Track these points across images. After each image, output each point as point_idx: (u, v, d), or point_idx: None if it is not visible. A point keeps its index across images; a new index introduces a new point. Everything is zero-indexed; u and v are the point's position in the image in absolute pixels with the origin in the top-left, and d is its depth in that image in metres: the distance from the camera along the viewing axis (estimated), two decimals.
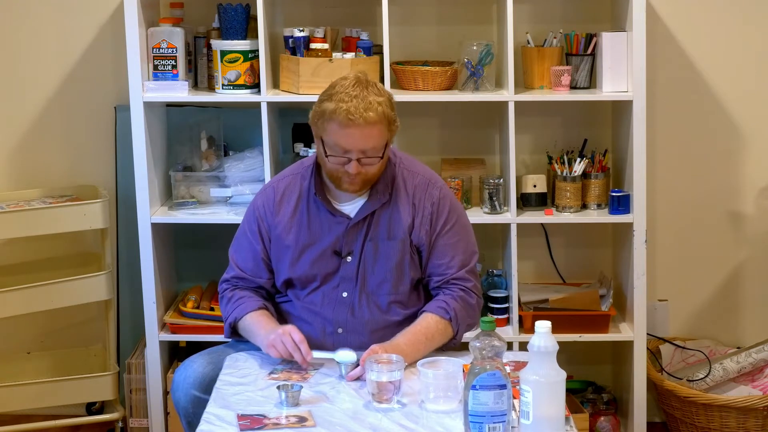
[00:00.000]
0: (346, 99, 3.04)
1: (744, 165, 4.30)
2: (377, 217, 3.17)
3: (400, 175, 3.21)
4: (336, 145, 3.06)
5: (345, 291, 3.18)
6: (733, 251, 4.36)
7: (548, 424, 2.57)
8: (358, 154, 3.05)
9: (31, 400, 4.17)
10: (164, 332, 4.10)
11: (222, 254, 4.23)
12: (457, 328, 3.16)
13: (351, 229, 3.17)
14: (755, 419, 3.96)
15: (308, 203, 3.21)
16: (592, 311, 4.04)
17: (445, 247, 3.19)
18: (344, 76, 3.11)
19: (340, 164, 3.08)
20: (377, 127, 3.05)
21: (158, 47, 3.98)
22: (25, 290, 4.06)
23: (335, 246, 3.18)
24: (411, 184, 3.21)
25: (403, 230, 3.17)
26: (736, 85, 4.26)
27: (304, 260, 3.19)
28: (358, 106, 3.02)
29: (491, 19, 4.21)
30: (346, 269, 3.18)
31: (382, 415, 2.75)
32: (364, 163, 3.07)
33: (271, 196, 3.25)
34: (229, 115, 4.23)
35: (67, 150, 4.39)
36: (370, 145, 3.06)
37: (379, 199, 3.17)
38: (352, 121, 3.02)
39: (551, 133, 4.27)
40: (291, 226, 3.20)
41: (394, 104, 3.12)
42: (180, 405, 3.14)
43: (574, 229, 4.35)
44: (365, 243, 3.17)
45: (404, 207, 3.19)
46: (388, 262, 3.16)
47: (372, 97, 3.05)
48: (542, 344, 2.58)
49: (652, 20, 4.10)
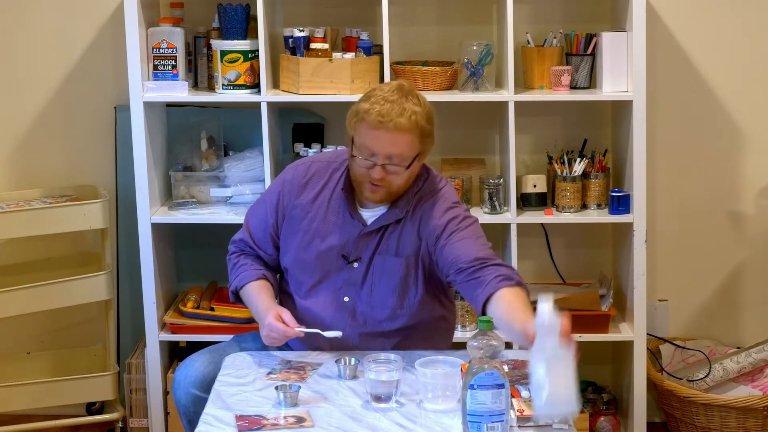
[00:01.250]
0: (382, 102, 3.01)
1: (744, 165, 4.30)
2: (389, 232, 3.15)
3: (419, 192, 3.16)
4: (364, 146, 3.03)
5: (347, 296, 3.18)
6: (733, 251, 4.36)
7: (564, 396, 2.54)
8: (383, 159, 3.02)
9: (31, 400, 4.17)
10: (164, 332, 4.11)
11: (222, 254, 4.24)
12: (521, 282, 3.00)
13: (363, 236, 3.15)
14: (755, 419, 3.96)
15: (331, 195, 3.19)
16: (592, 311, 4.04)
17: (463, 241, 3.07)
18: (388, 82, 3.07)
19: (366, 168, 3.04)
20: (407, 136, 3.01)
21: (158, 47, 3.99)
22: (26, 290, 4.06)
23: (344, 249, 3.16)
24: (425, 207, 3.14)
25: (410, 249, 3.14)
26: (736, 85, 4.25)
27: (312, 250, 3.19)
28: (391, 110, 2.99)
29: (491, 19, 4.21)
30: (351, 275, 3.17)
31: (380, 414, 2.75)
32: (389, 171, 3.04)
33: (300, 173, 3.23)
34: (229, 115, 4.23)
35: (67, 150, 4.39)
36: (397, 152, 3.01)
37: (396, 214, 3.14)
38: (383, 123, 2.98)
39: (551, 133, 4.27)
40: (308, 212, 3.20)
41: (432, 119, 3.07)
42: (180, 404, 3.15)
43: (574, 229, 4.35)
44: (375, 254, 3.15)
45: (413, 227, 3.14)
46: (393, 277, 3.14)
47: (409, 105, 3.01)
48: (549, 320, 2.55)
49: (652, 20, 4.10)
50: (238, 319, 4.05)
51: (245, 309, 4.04)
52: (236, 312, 4.06)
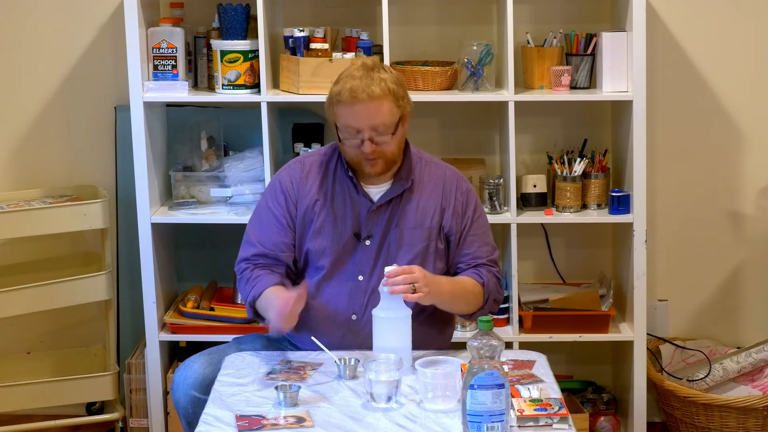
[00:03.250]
0: (350, 80, 3.11)
1: (744, 165, 4.30)
2: (404, 204, 3.22)
3: (421, 166, 3.27)
4: (347, 126, 3.12)
5: (361, 275, 3.21)
6: (733, 251, 4.36)
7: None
8: (369, 132, 3.10)
9: (31, 400, 4.17)
10: (164, 332, 4.10)
11: (222, 254, 4.26)
12: (487, 296, 3.22)
13: (372, 213, 3.21)
14: (755, 419, 3.96)
15: (334, 180, 3.25)
16: (592, 311, 4.04)
17: (474, 237, 3.26)
18: (352, 61, 3.15)
19: (356, 147, 3.12)
20: (384, 103, 3.10)
21: (158, 47, 3.99)
22: (26, 290, 4.06)
23: (355, 227, 3.21)
24: (439, 175, 3.27)
25: (431, 218, 3.22)
26: (736, 85, 4.25)
27: (325, 235, 3.22)
28: (361, 84, 3.09)
29: (491, 19, 4.21)
30: (364, 252, 3.21)
31: (380, 414, 2.75)
32: (378, 142, 3.12)
33: (298, 169, 3.29)
34: (229, 115, 4.23)
35: (67, 150, 4.39)
36: (379, 121, 3.10)
37: (402, 185, 3.21)
38: (357, 97, 3.07)
39: (551, 133, 4.27)
40: (316, 200, 3.24)
41: (402, 83, 3.18)
42: (180, 405, 3.15)
43: (574, 229, 4.35)
44: (390, 229, 3.20)
45: (433, 196, 3.24)
46: (413, 249, 3.19)
47: (376, 75, 3.12)
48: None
49: (652, 20, 4.10)
50: (238, 319, 4.05)
51: (245, 309, 4.06)
52: (236, 312, 4.06)
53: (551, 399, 2.76)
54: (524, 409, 2.71)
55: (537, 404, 2.73)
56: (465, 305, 3.21)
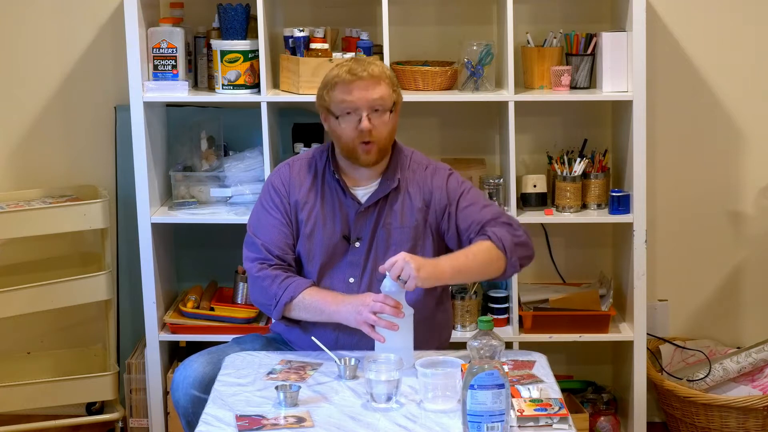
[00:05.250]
0: (346, 64, 3.20)
1: (744, 165, 4.30)
2: (390, 204, 3.24)
3: (410, 164, 3.29)
4: (345, 106, 3.17)
5: (352, 277, 3.22)
6: (733, 251, 4.36)
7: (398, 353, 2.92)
8: (367, 109, 3.15)
9: (31, 400, 4.17)
10: (164, 332, 4.10)
11: (222, 254, 4.26)
12: (502, 246, 3.16)
13: (360, 215, 3.23)
14: (755, 419, 3.96)
15: (322, 182, 3.27)
16: (592, 311, 4.04)
17: (469, 208, 3.24)
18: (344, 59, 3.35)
19: (353, 125, 3.15)
20: (381, 82, 3.17)
21: (158, 47, 3.99)
22: (26, 290, 4.06)
23: (343, 230, 3.23)
24: (421, 175, 3.28)
25: (416, 217, 3.23)
26: (736, 85, 4.25)
27: (315, 238, 3.23)
28: (359, 64, 3.19)
29: (491, 19, 4.21)
30: (354, 254, 3.23)
31: (380, 414, 2.75)
32: (375, 123, 3.15)
33: (286, 172, 3.32)
34: (229, 115, 4.23)
35: (67, 150, 4.39)
36: (377, 95, 3.16)
37: (388, 185, 3.23)
38: (356, 75, 3.15)
39: (551, 133, 4.27)
40: (306, 201, 3.26)
41: (394, 76, 3.26)
42: (180, 405, 3.15)
43: (574, 229, 4.35)
44: (377, 230, 3.22)
45: (416, 195, 3.25)
46: (400, 248, 3.18)
47: (371, 60, 3.25)
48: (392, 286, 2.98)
49: (652, 20, 4.10)
50: (238, 319, 4.05)
51: (245, 309, 4.08)
52: (236, 312, 4.06)
53: (551, 399, 2.76)
54: (524, 409, 2.71)
55: (537, 404, 2.73)
56: (485, 267, 3.16)
